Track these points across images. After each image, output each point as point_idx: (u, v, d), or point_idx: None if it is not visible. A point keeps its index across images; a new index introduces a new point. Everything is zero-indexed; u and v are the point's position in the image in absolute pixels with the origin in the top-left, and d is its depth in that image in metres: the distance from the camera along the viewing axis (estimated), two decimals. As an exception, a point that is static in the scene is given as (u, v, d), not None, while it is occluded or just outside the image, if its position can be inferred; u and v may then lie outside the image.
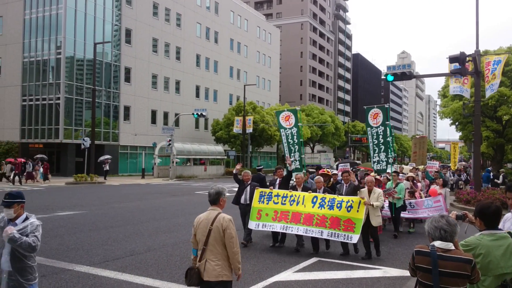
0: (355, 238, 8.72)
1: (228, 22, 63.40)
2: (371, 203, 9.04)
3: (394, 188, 12.01)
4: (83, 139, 34.06)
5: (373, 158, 13.08)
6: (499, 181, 24.95)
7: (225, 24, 62.43)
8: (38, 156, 34.51)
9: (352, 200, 8.99)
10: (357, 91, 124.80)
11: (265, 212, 9.84)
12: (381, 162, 13.02)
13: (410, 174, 15.13)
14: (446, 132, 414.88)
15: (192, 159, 47.16)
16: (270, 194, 10.02)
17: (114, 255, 9.16)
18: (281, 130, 12.95)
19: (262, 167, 13.01)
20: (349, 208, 8.92)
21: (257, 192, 10.18)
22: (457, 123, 36.44)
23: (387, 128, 12.86)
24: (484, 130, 31.90)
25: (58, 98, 40.45)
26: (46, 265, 8.20)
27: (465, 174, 30.84)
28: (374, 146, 13.00)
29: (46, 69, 41.40)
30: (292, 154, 12.79)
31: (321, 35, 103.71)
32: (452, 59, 16.61)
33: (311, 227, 9.12)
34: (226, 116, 54.44)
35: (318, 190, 9.85)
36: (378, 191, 9.41)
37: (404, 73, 17.34)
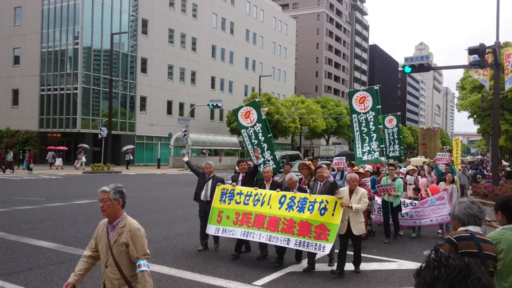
0: (328, 247, 7.13)
1: (244, 13, 63.19)
2: (350, 204, 7.31)
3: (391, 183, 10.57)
4: (100, 129, 34.49)
5: (363, 148, 11.11)
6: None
7: (241, 15, 62.24)
8: (80, 145, 36.41)
9: (326, 201, 7.38)
10: (374, 83, 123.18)
11: (226, 214, 8.26)
12: (372, 152, 11.01)
13: (410, 167, 13.36)
14: (463, 125, 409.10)
15: (207, 150, 47.39)
16: (232, 192, 8.42)
17: (131, 243, 9.29)
18: (242, 131, 10.67)
19: (244, 160, 12.34)
20: (322, 211, 7.31)
21: (219, 189, 8.59)
22: (475, 116, 35.98)
23: (378, 113, 11.30)
24: (503, 123, 31.46)
25: (76, 88, 40.95)
26: (64, 252, 8.40)
27: (481, 167, 30.49)
28: (364, 134, 11.10)
29: (64, 59, 41.88)
30: (261, 156, 10.33)
31: (338, 26, 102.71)
32: (472, 51, 16.38)
33: (276, 233, 7.52)
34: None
35: (290, 190, 8.03)
36: (361, 191, 7.60)
37: (422, 65, 17.17)
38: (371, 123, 10.99)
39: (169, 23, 50.09)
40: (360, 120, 11.12)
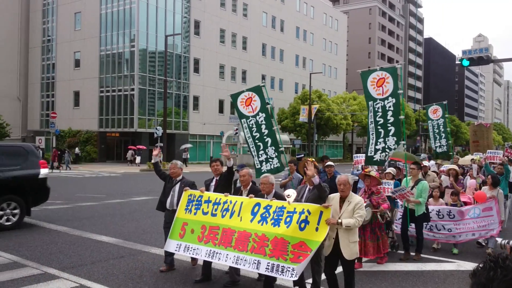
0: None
1: (294, 10, 62.95)
2: (338, 220, 5.39)
3: (413, 187, 8.20)
4: (156, 128, 35.60)
5: (376, 145, 8.64)
6: None
7: (291, 12, 62.05)
8: (157, 144, 38.20)
9: (308, 211, 5.55)
10: (429, 77, 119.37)
11: (191, 226, 6.57)
12: (387, 150, 8.65)
13: (452, 166, 11.18)
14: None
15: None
16: (200, 199, 6.71)
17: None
18: (242, 121, 9.10)
19: (303, 155, 11.61)
20: (302, 224, 5.51)
21: (185, 195, 6.90)
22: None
23: (400, 99, 8.46)
24: None
25: (133, 89, 42.49)
26: (124, 246, 8.78)
27: None
28: (379, 127, 8.53)
29: (121, 62, 43.56)
30: (261, 152, 8.90)
31: (391, 19, 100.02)
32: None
33: (244, 253, 5.78)
34: (291, 105, 54.39)
35: (265, 196, 6.27)
36: (356, 200, 5.62)
37: (481, 58, 16.45)
38: (390, 113, 8.31)
39: (221, 23, 50.82)
40: (376, 109, 8.51)
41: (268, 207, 5.94)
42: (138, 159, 37.67)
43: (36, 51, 50.43)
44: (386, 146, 8.48)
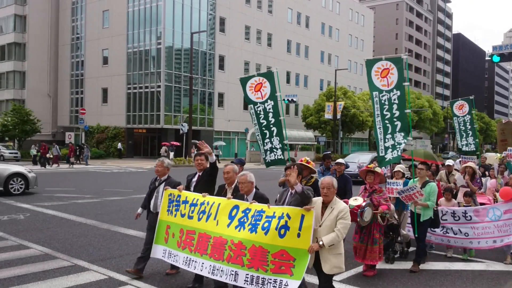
0: (293, 285, 4.71)
1: (320, 6, 62.48)
2: (320, 242, 4.73)
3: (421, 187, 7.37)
4: (181, 125, 36.00)
5: (385, 142, 7.74)
6: None
7: (316, 8, 61.62)
8: (193, 141, 38.61)
9: (287, 215, 4.88)
10: (458, 73, 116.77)
11: (173, 230, 6.07)
12: (397, 147, 7.67)
13: (468, 163, 10.16)
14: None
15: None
16: (178, 198, 6.18)
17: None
18: (250, 106, 8.68)
19: (330, 152, 11.15)
20: (282, 231, 4.86)
21: (166, 195, 6.40)
22: None
23: (405, 92, 7.79)
24: None
25: (159, 86, 43.03)
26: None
27: None
28: (386, 121, 7.74)
29: (148, 59, 44.16)
30: (267, 140, 8.56)
31: (418, 15, 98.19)
32: None
33: (221, 263, 5.20)
34: (316, 101, 54.08)
35: (245, 197, 5.61)
36: (340, 207, 4.88)
37: (513, 54, 16.01)
38: (395, 106, 7.64)
39: (246, 20, 50.88)
40: (383, 101, 7.78)
41: (247, 211, 5.26)
42: (171, 154, 38.20)
43: (66, 48, 51.60)
44: (396, 143, 7.66)
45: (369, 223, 6.70)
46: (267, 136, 8.54)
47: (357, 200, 6.48)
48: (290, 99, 40.57)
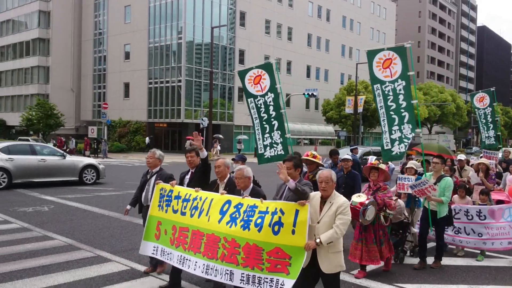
0: (289, 284, 4.45)
1: (341, -1, 61.90)
2: (317, 239, 4.44)
3: (435, 184, 6.98)
4: (202, 119, 36.17)
5: (391, 134, 7.46)
6: None
7: (337, 2, 60.96)
8: (215, 135, 38.85)
9: (281, 211, 4.62)
10: (482, 67, 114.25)
11: (165, 226, 5.75)
12: (404, 140, 7.33)
13: (482, 160, 9.65)
14: None
15: (303, 139, 47.56)
16: (170, 194, 5.85)
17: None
18: (249, 100, 8.36)
19: (356, 147, 11.03)
20: (276, 227, 4.60)
21: (157, 189, 6.05)
22: None
23: (410, 82, 7.51)
24: None
25: (180, 81, 43.32)
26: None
27: None
28: (391, 112, 7.46)
29: (169, 54, 44.47)
30: (267, 135, 8.13)
31: (442, 7, 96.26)
32: None
33: (214, 261, 4.93)
34: (337, 96, 53.66)
35: (242, 193, 5.33)
36: (339, 201, 4.57)
37: (540, 46, 15.53)
38: (401, 97, 7.36)
39: (266, 14, 50.70)
40: (386, 92, 7.51)
41: (239, 206, 4.98)
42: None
43: (89, 43, 52.37)
44: (403, 136, 7.29)
45: (371, 223, 6.41)
46: (267, 130, 8.17)
47: (360, 197, 6.25)
48: (310, 94, 40.31)
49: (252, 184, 5.42)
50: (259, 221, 4.67)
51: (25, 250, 7.41)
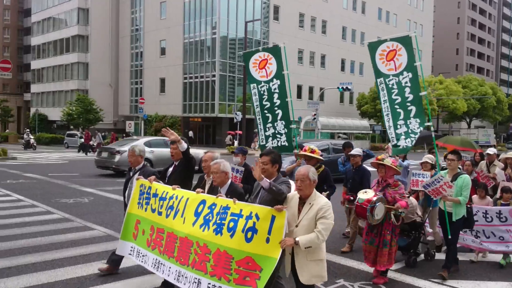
0: None
1: (377, -9, 60.72)
2: (295, 239, 3.95)
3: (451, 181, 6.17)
4: (236, 114, 36.43)
5: (396, 129, 6.91)
6: None
7: (373, -7, 59.90)
8: (255, 130, 39.33)
9: (256, 215, 4.11)
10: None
11: (143, 226, 5.33)
12: (411, 134, 6.74)
13: (509, 155, 8.64)
14: None
15: (337, 134, 47.12)
16: (149, 191, 5.41)
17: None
18: (252, 86, 7.73)
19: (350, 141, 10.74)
20: (249, 234, 4.10)
21: (137, 185, 5.65)
22: None
23: (418, 73, 6.91)
24: None
25: (214, 76, 43.75)
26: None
27: None
28: (396, 106, 6.89)
29: (203, 49, 44.95)
30: (269, 125, 7.55)
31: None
32: None
33: (185, 268, 4.49)
34: (372, 89, 52.77)
35: (219, 189, 4.82)
36: (320, 202, 4.08)
37: None
38: (407, 90, 6.75)
39: (300, 8, 50.38)
40: (390, 86, 6.93)
41: (213, 207, 4.47)
42: (235, 143, 38.97)
43: (126, 40, 53.56)
44: (410, 130, 6.67)
45: (381, 221, 5.77)
46: (270, 120, 7.53)
47: (367, 194, 5.69)
48: (344, 87, 39.87)
49: (230, 180, 4.89)
50: (231, 224, 4.19)
51: (67, 239, 7.72)
